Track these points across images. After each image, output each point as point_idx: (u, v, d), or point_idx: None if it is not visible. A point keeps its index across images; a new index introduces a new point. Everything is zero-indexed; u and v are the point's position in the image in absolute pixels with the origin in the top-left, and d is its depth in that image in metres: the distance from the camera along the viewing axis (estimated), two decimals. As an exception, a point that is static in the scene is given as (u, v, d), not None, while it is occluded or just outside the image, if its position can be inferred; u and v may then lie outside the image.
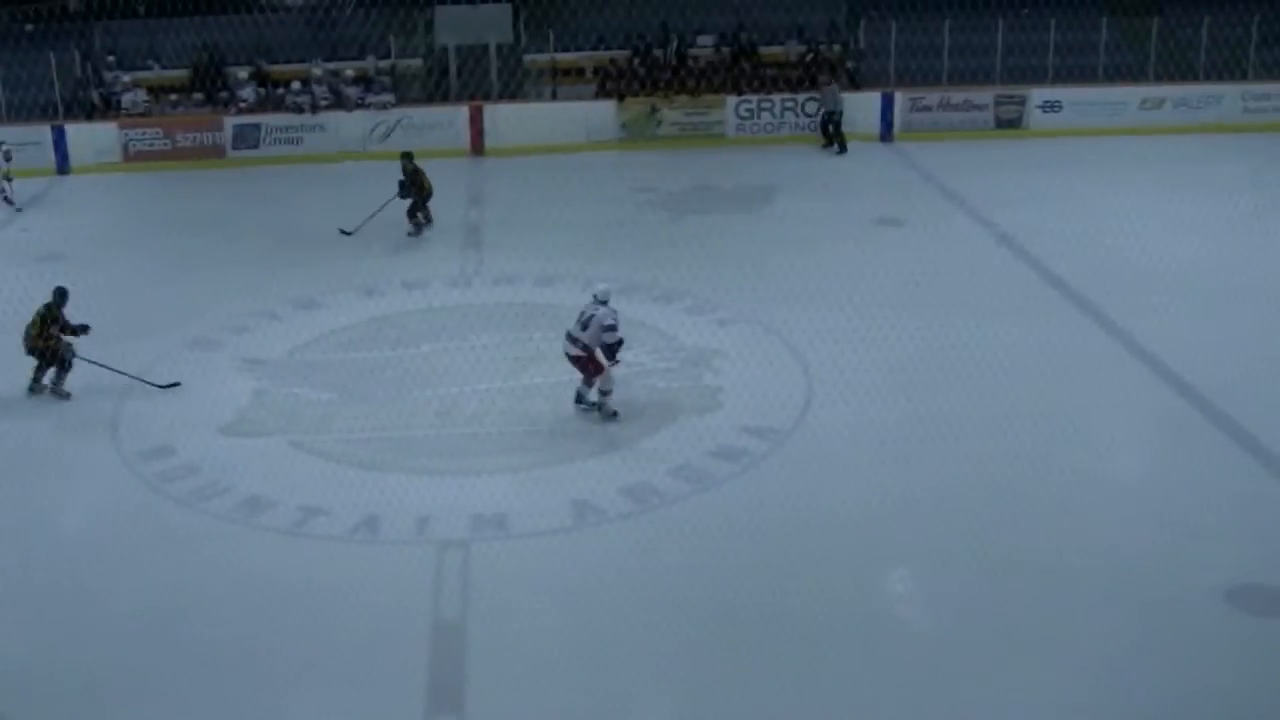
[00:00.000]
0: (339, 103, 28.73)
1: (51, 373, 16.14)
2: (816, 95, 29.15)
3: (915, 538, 12.83)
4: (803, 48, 30.86)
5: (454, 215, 23.63)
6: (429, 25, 29.79)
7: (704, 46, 30.84)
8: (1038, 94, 30.43)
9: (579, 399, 15.39)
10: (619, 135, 28.85)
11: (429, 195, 22.42)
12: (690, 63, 30.17)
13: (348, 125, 28.50)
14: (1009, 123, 30.25)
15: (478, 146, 28.52)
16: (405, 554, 12.58)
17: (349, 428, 15.30)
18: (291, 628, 11.42)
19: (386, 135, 28.06)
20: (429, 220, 22.60)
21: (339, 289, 19.67)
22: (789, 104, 29.33)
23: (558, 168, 26.01)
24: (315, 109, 28.38)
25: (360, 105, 28.67)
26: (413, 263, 21.11)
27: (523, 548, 12.70)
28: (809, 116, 29.28)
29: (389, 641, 11.16)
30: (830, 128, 28.64)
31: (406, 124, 28.30)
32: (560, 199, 22.01)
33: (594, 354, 15.01)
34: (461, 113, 28.80)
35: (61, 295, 16.12)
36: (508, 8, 29.42)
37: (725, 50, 30.60)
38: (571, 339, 15.01)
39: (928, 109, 29.85)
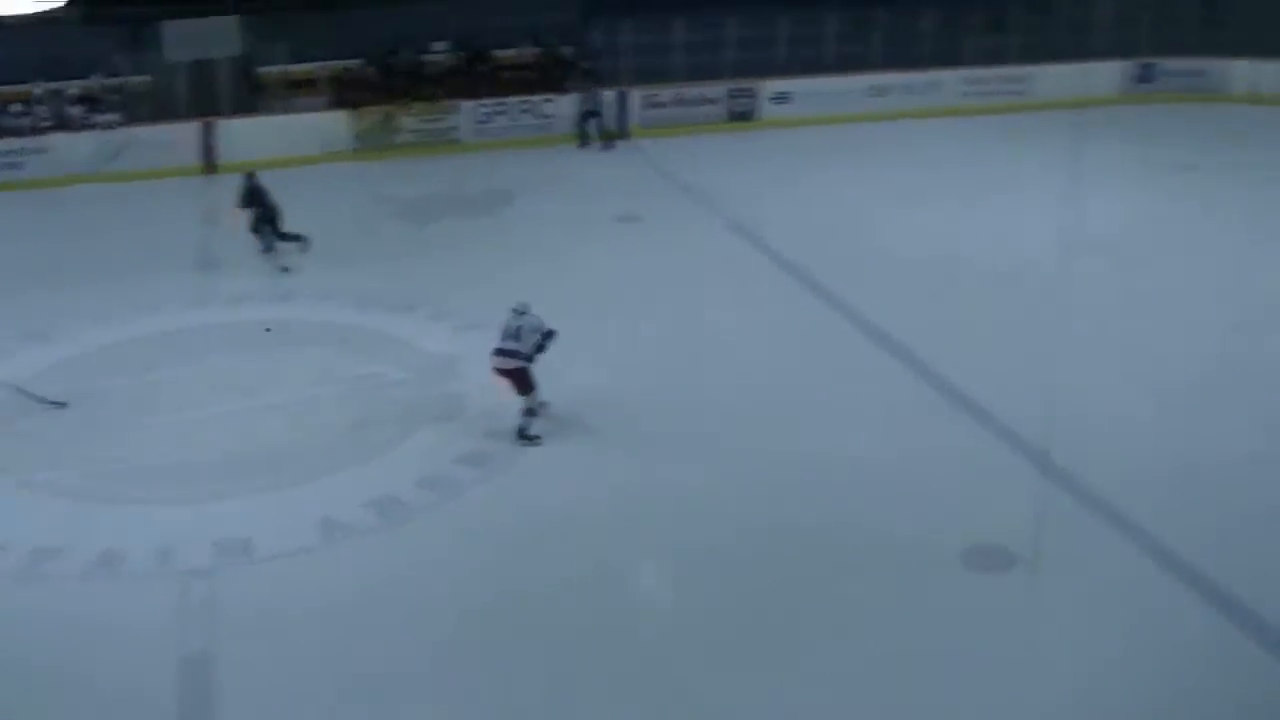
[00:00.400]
0: (63, 124, 27.75)
1: None
2: (579, 94, 29.37)
3: (662, 531, 13.07)
4: (537, 50, 31.02)
5: (186, 235, 23.07)
6: (156, 41, 28.97)
7: (438, 52, 30.71)
8: (768, 86, 31.18)
9: (521, 433, 14.83)
10: (355, 146, 28.53)
11: (275, 214, 21.48)
12: (425, 69, 30.03)
13: (73, 147, 27.52)
14: (742, 115, 30.93)
15: (210, 164, 27.83)
16: (147, 588, 12.22)
17: (82, 462, 14.76)
18: (26, 676, 11.01)
19: (115, 156, 27.21)
20: (285, 237, 21.46)
21: (69, 317, 18.94)
22: (525, 107, 29.43)
23: (293, 181, 25.54)
24: (37, 131, 27.35)
25: (86, 126, 27.74)
26: (145, 287, 20.48)
27: (270, 571, 12.47)
28: (546, 119, 29.45)
29: (135, 679, 10.84)
30: (591, 127, 28.92)
31: (135, 143, 27.45)
32: (296, 213, 21.64)
33: (528, 367, 14.68)
34: (192, 130, 28.08)
35: None
36: (234, 21, 28.76)
37: (460, 55, 30.54)
38: (504, 353, 14.66)
39: (662, 105, 30.31)
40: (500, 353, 14.71)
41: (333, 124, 28.51)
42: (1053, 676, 10.54)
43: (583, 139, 29.03)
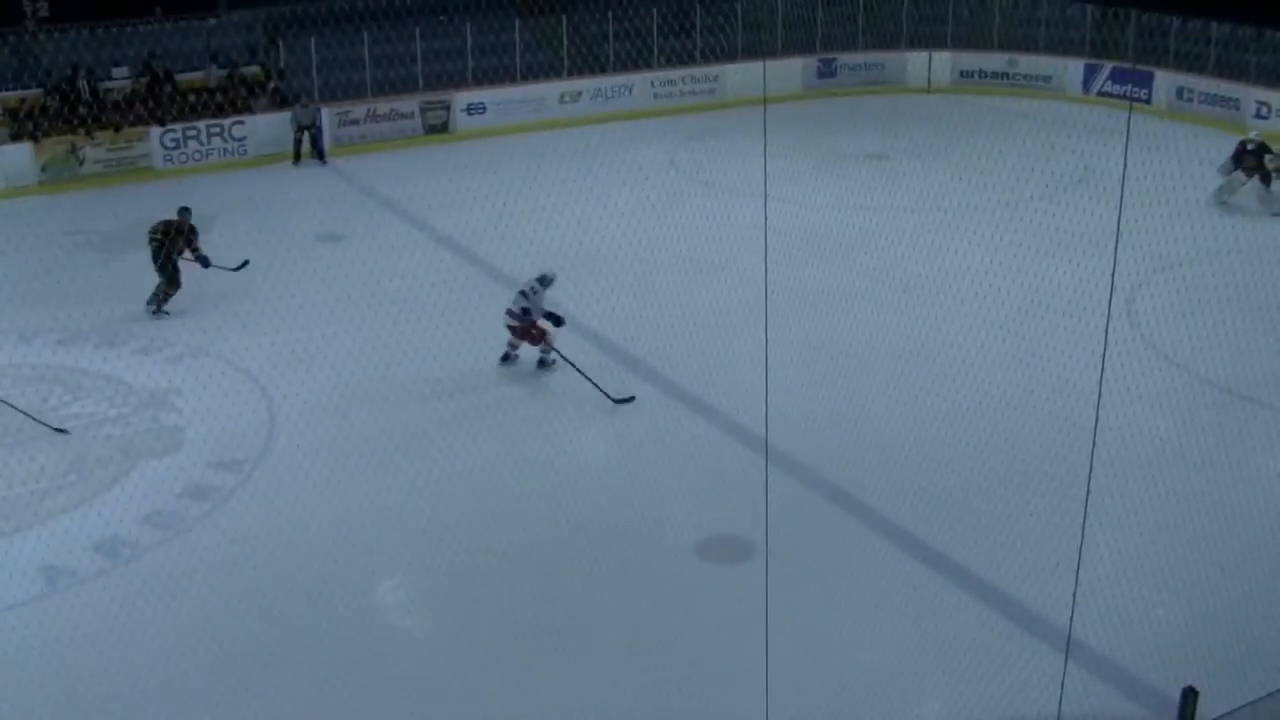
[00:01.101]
0: None
1: None
2: (292, 111, 28.90)
3: (401, 547, 13.17)
4: (222, 72, 30.45)
5: None
6: None
7: (120, 79, 29.81)
8: (461, 97, 31.34)
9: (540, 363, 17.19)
10: (40, 178, 27.46)
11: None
12: (107, 96, 29.11)
13: None
14: (437, 128, 31.00)
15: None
16: None
17: None
18: None
19: None
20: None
21: None
22: (216, 130, 28.82)
23: (-26, 218, 24.56)
24: None
25: None
26: None
27: (-7, 624, 12.09)
28: (239, 141, 28.90)
29: None
30: (307, 142, 28.60)
31: None
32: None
33: (532, 322, 16.79)
34: None
35: None
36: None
37: (141, 80, 29.71)
38: (510, 313, 16.94)
39: (355, 122, 30.12)
40: (506, 313, 17.03)
41: (15, 156, 27.33)
42: (794, 651, 11.07)
43: (297, 156, 28.62)
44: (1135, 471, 13.56)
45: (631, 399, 16.16)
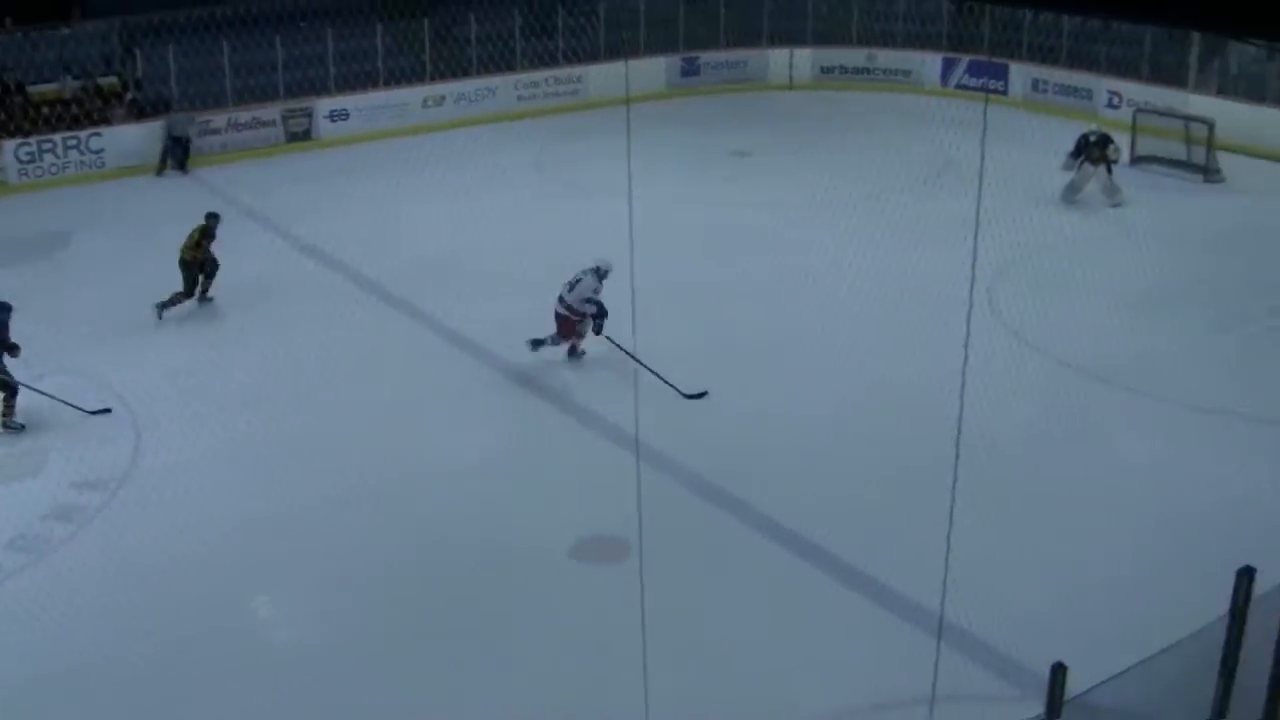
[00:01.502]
0: None
1: None
2: (164, 120, 28.47)
3: (275, 561, 13.04)
4: (78, 83, 29.82)
5: None
6: None
7: (-35, 92, 29.07)
8: (324, 104, 30.99)
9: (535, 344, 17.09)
10: (-113, 197, 26.68)
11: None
12: (-46, 110, 28.38)
13: None
14: (299, 135, 30.62)
15: None
16: None
17: None
18: None
19: None
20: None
21: None
22: (71, 142, 28.17)
23: None
24: None
25: None
26: None
27: None
28: (96, 153, 28.29)
29: None
30: (175, 153, 28.13)
31: None
32: None
33: (574, 318, 16.68)
34: None
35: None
36: None
37: (-9, 93, 29.01)
38: (560, 299, 16.80)
39: (216, 131, 29.64)
40: (558, 298, 16.82)
41: None
42: (672, 648, 11.12)
43: (163, 166, 28.14)
44: (1001, 456, 13.83)
45: (704, 394, 16.21)
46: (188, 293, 19.32)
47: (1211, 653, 8.62)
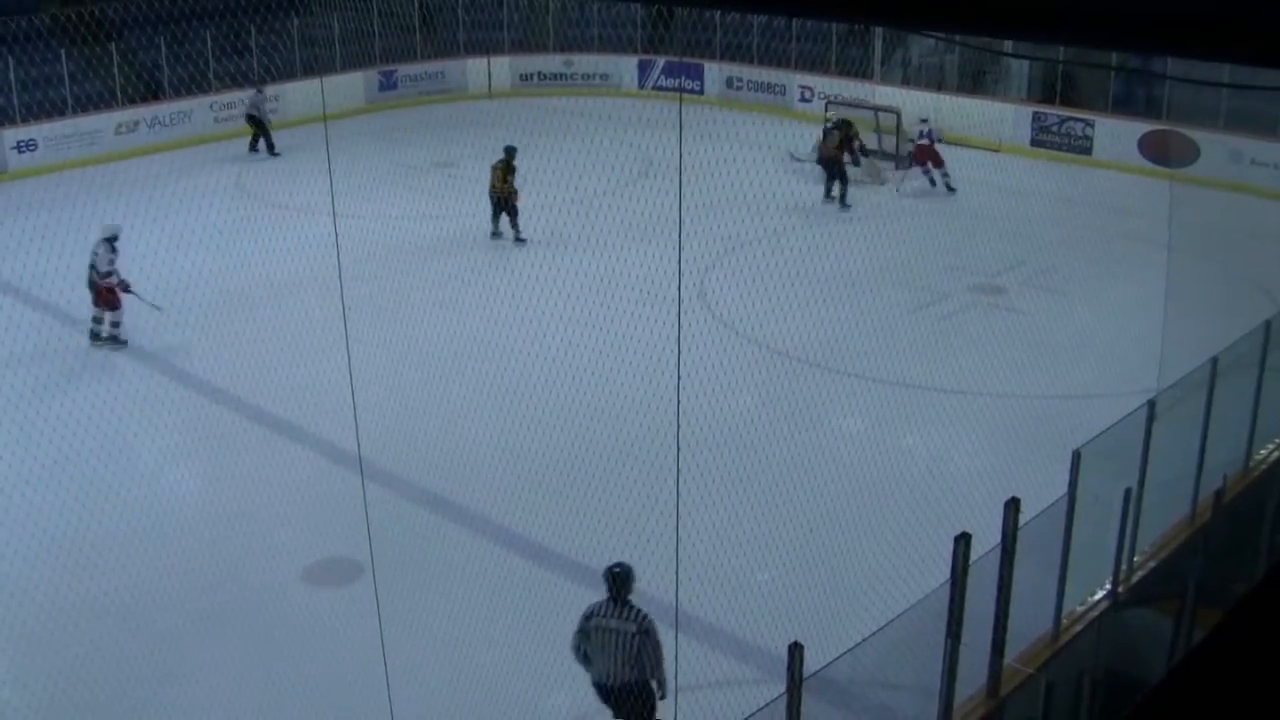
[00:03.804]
0: None
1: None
2: None
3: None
4: None
5: None
6: None
7: None
8: (10, 135, 29.67)
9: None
10: None
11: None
12: None
13: None
14: (-18, 168, 29.31)
15: None
16: None
17: None
18: None
19: None
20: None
21: None
22: None
23: None
24: None
25: None
26: None
27: None
28: None
29: None
30: None
31: None
32: None
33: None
34: None
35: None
36: None
37: None
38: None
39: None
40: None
41: None
42: (412, 663, 11.09)
43: None
44: (723, 445, 14.20)
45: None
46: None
47: (937, 618, 9.02)
